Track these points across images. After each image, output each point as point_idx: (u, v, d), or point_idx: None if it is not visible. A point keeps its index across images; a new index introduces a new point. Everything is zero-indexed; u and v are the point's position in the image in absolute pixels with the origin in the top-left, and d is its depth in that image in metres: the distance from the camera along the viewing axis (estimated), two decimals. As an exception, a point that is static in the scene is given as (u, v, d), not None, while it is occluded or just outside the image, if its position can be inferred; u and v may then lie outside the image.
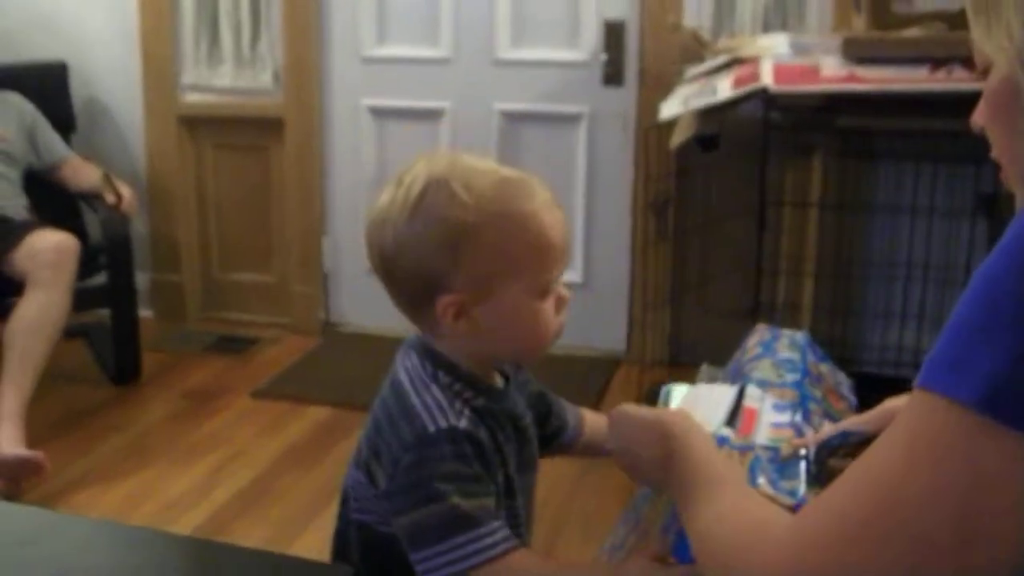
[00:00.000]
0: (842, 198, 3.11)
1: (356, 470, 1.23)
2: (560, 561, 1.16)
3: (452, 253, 1.13)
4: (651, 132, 3.01)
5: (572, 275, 3.67)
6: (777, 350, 1.37)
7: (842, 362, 3.09)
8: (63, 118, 3.71)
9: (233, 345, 3.75)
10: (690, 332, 3.47)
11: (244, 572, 1.19)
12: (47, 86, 3.73)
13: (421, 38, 3.65)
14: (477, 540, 1.09)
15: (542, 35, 3.54)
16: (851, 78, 2.42)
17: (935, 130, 2.64)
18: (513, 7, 3.54)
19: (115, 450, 2.98)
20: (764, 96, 2.50)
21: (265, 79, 3.78)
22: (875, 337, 3.08)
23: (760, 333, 1.44)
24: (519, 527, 1.21)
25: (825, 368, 1.38)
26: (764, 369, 1.31)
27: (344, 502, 1.27)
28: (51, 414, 3.09)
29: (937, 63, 2.40)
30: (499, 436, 1.18)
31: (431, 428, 1.12)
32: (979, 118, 0.94)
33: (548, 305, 1.17)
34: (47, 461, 2.69)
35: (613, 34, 3.45)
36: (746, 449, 1.16)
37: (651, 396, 3.09)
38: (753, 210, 3.07)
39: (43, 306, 2.92)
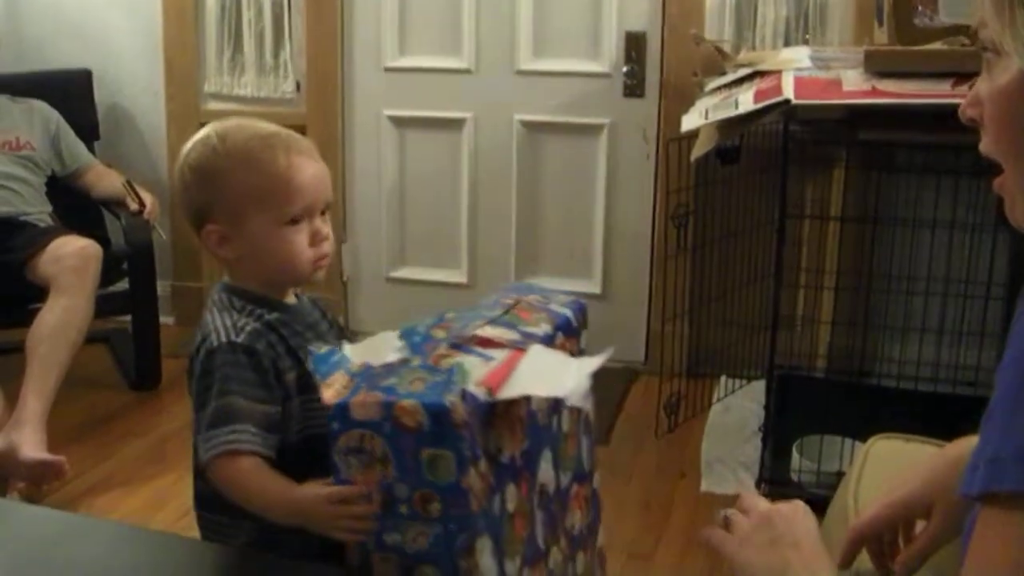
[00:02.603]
0: (862, 211, 3.11)
1: None
2: (270, 479, 1.30)
3: (209, 192, 1.40)
4: (672, 144, 3.01)
5: (591, 286, 3.67)
6: (479, 306, 1.41)
7: (861, 375, 3.12)
8: (87, 125, 3.74)
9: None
10: (709, 344, 3.47)
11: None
12: (72, 93, 3.76)
13: (442, 48, 3.66)
14: (226, 434, 1.30)
15: (563, 46, 3.55)
16: (873, 92, 2.42)
17: (957, 144, 2.63)
18: (534, 18, 3.55)
19: (135, 455, 3.00)
20: (786, 109, 2.49)
21: (287, 88, 3.80)
22: (895, 350, 3.07)
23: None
24: (318, 417, 1.27)
25: (534, 297, 1.44)
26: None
27: None
28: (72, 418, 3.11)
29: (960, 77, 2.39)
30: (293, 340, 1.40)
31: (215, 343, 1.35)
32: (972, 110, 0.90)
33: (298, 235, 1.40)
34: (68, 465, 2.71)
35: (634, 45, 3.45)
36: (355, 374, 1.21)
37: (669, 407, 3.10)
38: (772, 222, 3.07)
39: (66, 311, 2.94)
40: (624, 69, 3.47)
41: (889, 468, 1.46)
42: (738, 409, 3.28)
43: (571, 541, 1.42)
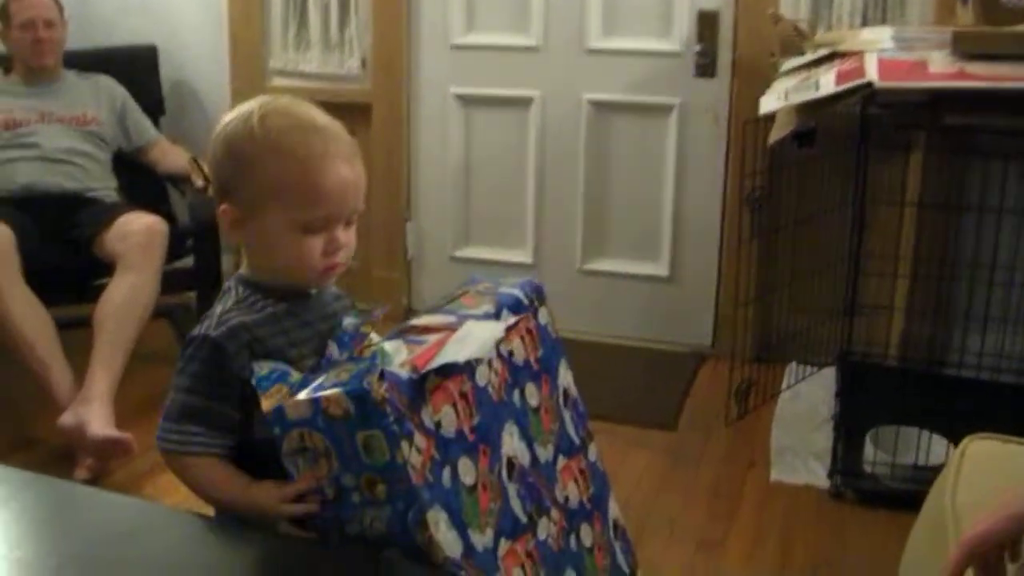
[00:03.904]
0: (943, 197, 3.02)
1: None
2: (223, 479, 1.32)
3: (234, 172, 1.33)
4: (748, 126, 2.94)
5: (658, 268, 3.62)
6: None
7: (936, 364, 3.04)
8: (152, 101, 3.75)
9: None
10: (778, 329, 3.41)
11: (334, 569, 1.18)
12: (137, 69, 3.77)
13: (510, 26, 3.61)
14: (177, 433, 1.31)
15: (634, 24, 3.48)
16: (961, 74, 2.33)
17: (1047, 129, 2.55)
18: (605, -5, 3.49)
19: (200, 433, 2.99)
20: (867, 92, 2.42)
21: (352, 65, 3.77)
22: (973, 340, 2.98)
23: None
24: None
25: (484, 285, 1.52)
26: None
27: None
28: (136, 395, 3.10)
29: (1052, 60, 2.31)
30: (301, 332, 1.36)
31: (195, 332, 1.33)
32: None
33: (310, 241, 1.32)
34: (135, 442, 2.71)
35: (707, 24, 3.38)
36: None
37: (739, 394, 3.05)
38: (846, 207, 3.00)
39: (133, 288, 2.93)
40: (696, 48, 3.40)
41: (988, 471, 1.40)
42: (808, 397, 3.22)
43: (568, 514, 1.47)
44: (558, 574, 1.41)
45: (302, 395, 1.20)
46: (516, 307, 1.46)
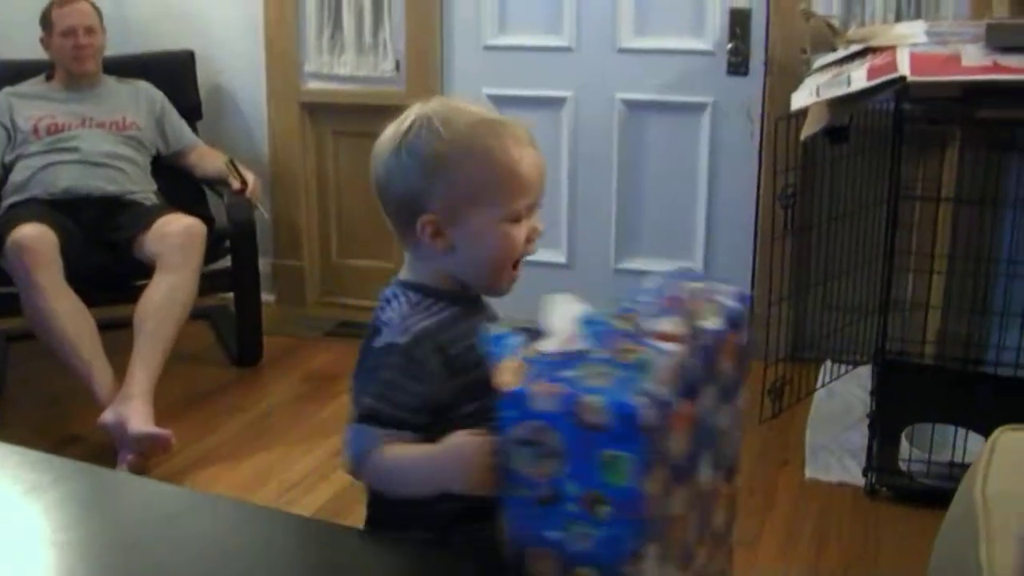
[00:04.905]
0: (978, 192, 3.00)
1: None
2: (410, 449, 1.27)
3: (429, 180, 1.29)
4: (780, 123, 2.94)
5: (692, 266, 3.61)
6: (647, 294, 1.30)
7: (976, 363, 3.02)
8: (190, 106, 3.79)
9: (352, 330, 3.76)
10: (812, 328, 3.40)
11: (367, 556, 1.19)
12: (175, 74, 3.82)
13: (543, 27, 3.62)
14: (358, 433, 1.28)
15: (666, 24, 3.48)
16: (995, 67, 2.32)
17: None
18: (636, -5, 3.49)
19: (238, 430, 3.03)
20: (899, 87, 2.41)
21: (386, 67, 3.79)
22: (1012, 338, 2.96)
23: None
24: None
25: (699, 286, 1.32)
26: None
27: None
28: (175, 394, 3.15)
29: (1087, 52, 2.29)
30: (469, 340, 1.28)
31: (377, 344, 1.29)
32: None
33: (516, 231, 1.31)
34: (174, 438, 2.75)
35: (739, 22, 3.38)
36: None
37: (773, 392, 3.04)
38: (880, 204, 2.98)
39: (172, 288, 2.98)
40: (728, 47, 3.40)
41: (1020, 462, 1.39)
42: (842, 395, 3.21)
43: (715, 540, 1.34)
44: None
45: (553, 387, 1.07)
46: (736, 324, 1.29)
